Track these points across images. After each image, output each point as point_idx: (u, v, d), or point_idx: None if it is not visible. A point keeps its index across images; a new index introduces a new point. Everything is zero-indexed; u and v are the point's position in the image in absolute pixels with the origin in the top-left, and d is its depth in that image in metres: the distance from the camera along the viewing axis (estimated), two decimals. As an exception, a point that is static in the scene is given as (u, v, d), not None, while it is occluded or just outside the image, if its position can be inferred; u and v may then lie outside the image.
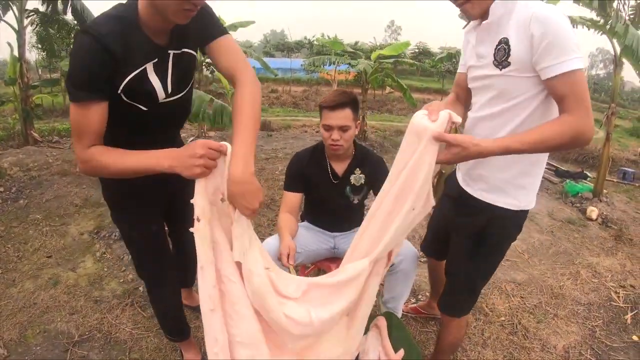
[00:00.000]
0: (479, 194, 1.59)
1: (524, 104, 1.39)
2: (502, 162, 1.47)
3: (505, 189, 1.52)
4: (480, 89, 1.52)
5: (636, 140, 13.38)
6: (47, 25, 7.42)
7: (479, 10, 1.42)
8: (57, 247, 3.43)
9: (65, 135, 8.08)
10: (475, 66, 1.51)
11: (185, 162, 1.19)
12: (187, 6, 1.21)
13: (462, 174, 1.69)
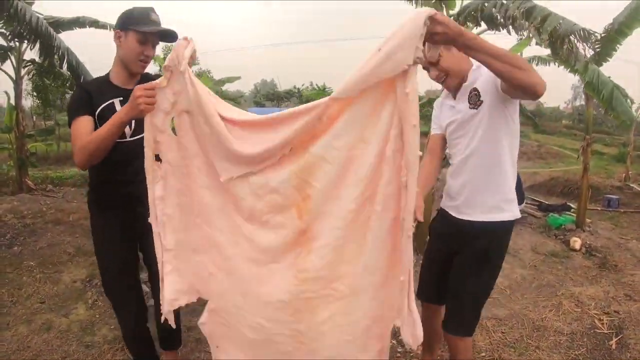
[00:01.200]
0: (481, 217, 1.85)
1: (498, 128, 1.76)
2: (494, 186, 1.82)
3: (501, 206, 1.84)
4: (461, 134, 1.86)
5: (623, 166, 13.69)
6: (43, 76, 7.69)
7: (456, 82, 1.83)
8: (50, 293, 3.48)
9: (59, 184, 8.21)
10: (455, 120, 1.87)
11: (132, 106, 1.52)
12: (142, 57, 1.83)
13: (459, 205, 1.92)
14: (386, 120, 1.31)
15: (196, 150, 1.57)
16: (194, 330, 2.93)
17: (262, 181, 1.49)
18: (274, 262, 1.53)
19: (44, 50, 5.07)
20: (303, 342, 1.56)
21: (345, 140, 1.36)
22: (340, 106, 1.34)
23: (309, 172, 1.42)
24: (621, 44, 5.19)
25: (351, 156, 1.38)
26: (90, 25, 6.60)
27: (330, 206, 1.43)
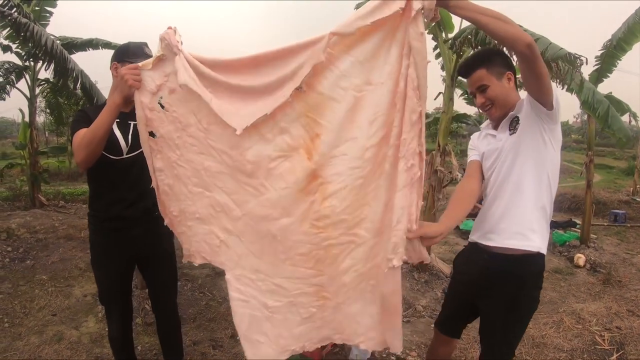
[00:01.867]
0: (499, 242, 1.79)
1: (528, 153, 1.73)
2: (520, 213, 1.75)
3: (525, 234, 1.74)
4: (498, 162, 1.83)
5: (632, 179, 13.62)
6: (56, 94, 7.94)
7: (500, 114, 1.82)
8: (61, 306, 3.59)
9: (71, 200, 8.38)
10: (496, 148, 1.84)
11: (120, 84, 1.66)
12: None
13: (482, 235, 1.87)
14: (394, 63, 1.39)
15: (189, 120, 1.62)
16: (199, 345, 3.02)
17: (271, 123, 1.50)
18: (287, 216, 1.53)
19: (58, 72, 5.26)
20: (326, 297, 1.60)
21: (351, 81, 1.43)
22: (341, 46, 1.41)
23: (317, 110, 1.46)
24: (621, 59, 5.28)
25: (359, 97, 1.43)
26: (103, 47, 6.84)
27: (346, 147, 1.46)
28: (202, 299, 3.81)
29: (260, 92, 1.50)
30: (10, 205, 7.58)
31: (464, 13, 1.46)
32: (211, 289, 4.00)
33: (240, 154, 1.54)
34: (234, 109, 1.51)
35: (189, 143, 1.63)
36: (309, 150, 1.48)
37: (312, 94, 1.45)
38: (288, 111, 1.47)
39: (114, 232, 2.05)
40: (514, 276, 1.76)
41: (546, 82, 1.58)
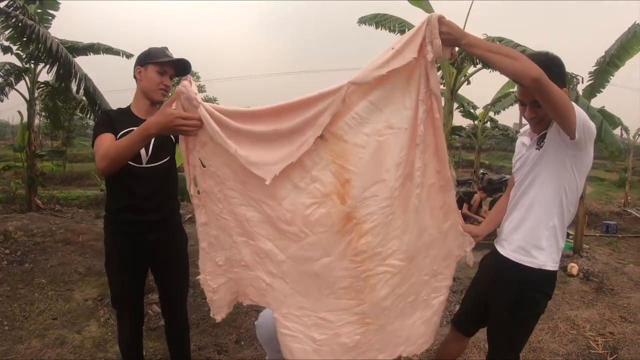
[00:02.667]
0: (510, 255, 1.86)
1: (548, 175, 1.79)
2: (528, 228, 1.83)
3: (529, 250, 1.82)
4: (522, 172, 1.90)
5: (623, 191, 13.82)
6: (55, 98, 7.94)
7: (543, 129, 1.84)
8: (62, 310, 3.60)
9: (65, 205, 8.35)
10: (522, 157, 1.94)
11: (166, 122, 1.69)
12: (161, 86, 2.05)
13: (500, 239, 1.97)
14: (413, 108, 1.57)
15: (226, 174, 1.71)
16: (204, 350, 3.05)
17: (302, 172, 1.62)
18: (327, 255, 1.66)
19: (61, 75, 5.25)
20: (369, 322, 1.73)
21: (373, 126, 1.57)
22: (359, 93, 1.55)
23: (344, 157, 1.59)
24: (613, 75, 5.43)
25: (382, 141, 1.58)
26: (105, 52, 6.88)
27: (375, 189, 1.61)
28: (204, 305, 3.76)
29: (284, 136, 1.60)
30: (5, 208, 7.55)
31: (475, 51, 1.58)
32: (212, 295, 4.00)
33: (278, 204, 1.64)
34: (260, 158, 1.61)
35: (230, 196, 1.72)
36: (341, 196, 1.60)
37: (337, 142, 1.58)
38: (316, 159, 1.60)
39: (130, 236, 2.07)
40: (516, 281, 1.84)
41: (563, 113, 1.60)
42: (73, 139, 16.83)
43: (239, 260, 1.79)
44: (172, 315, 2.31)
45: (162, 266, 2.20)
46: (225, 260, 1.84)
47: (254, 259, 1.76)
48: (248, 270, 1.79)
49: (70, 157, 15.54)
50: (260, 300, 1.82)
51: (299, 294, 1.73)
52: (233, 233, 1.76)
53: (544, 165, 1.79)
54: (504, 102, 7.78)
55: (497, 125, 10.98)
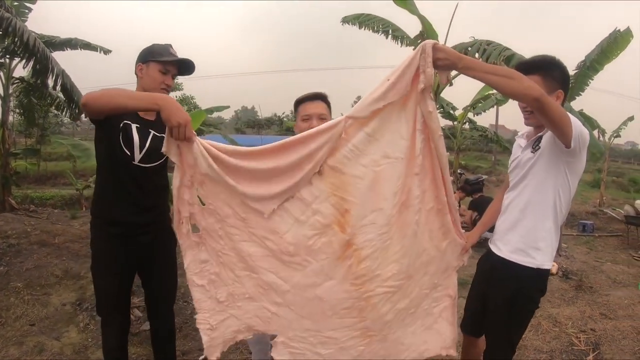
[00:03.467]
0: (507, 255, 1.92)
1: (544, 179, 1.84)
2: (525, 229, 1.89)
3: (526, 251, 1.88)
4: (516, 174, 1.96)
5: (597, 191, 14.20)
6: (30, 94, 7.67)
7: (535, 123, 1.91)
8: (40, 316, 3.47)
9: (40, 204, 8.09)
10: (517, 158, 1.99)
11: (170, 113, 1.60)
12: (163, 85, 1.97)
13: (496, 239, 2.03)
14: (410, 138, 1.62)
15: (226, 212, 1.71)
16: (188, 355, 2.98)
17: (302, 206, 1.67)
18: (329, 280, 1.72)
19: (38, 71, 5.06)
20: (372, 335, 1.81)
21: (370, 157, 1.63)
22: (356, 125, 1.60)
23: (343, 189, 1.64)
24: (593, 79, 5.55)
25: (379, 171, 1.64)
26: (83, 47, 6.68)
27: (373, 216, 1.67)
28: (186, 307, 3.74)
29: (283, 172, 1.64)
30: (-22, 209, 7.26)
31: (473, 73, 1.59)
32: (196, 298, 3.92)
33: (280, 238, 1.69)
34: (259, 192, 1.64)
35: (231, 233, 1.72)
36: (341, 225, 1.67)
37: (336, 175, 1.64)
38: (316, 193, 1.65)
39: (123, 238, 1.99)
40: (513, 279, 1.90)
41: (561, 127, 1.65)
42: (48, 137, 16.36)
43: (243, 294, 1.79)
44: (161, 318, 2.24)
45: (152, 268, 2.14)
46: (227, 296, 1.81)
47: (258, 290, 1.78)
48: (252, 302, 1.80)
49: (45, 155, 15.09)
50: (267, 328, 1.84)
51: (304, 318, 1.78)
52: (235, 268, 1.77)
53: (539, 168, 1.84)
54: (484, 104, 7.89)
55: (476, 127, 11.13)
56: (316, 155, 1.60)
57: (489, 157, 28.75)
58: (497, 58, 3.16)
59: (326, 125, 1.61)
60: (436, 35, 4.44)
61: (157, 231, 2.10)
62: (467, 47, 3.54)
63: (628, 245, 7.31)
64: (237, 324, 1.83)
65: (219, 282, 1.79)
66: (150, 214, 2.05)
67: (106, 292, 2.07)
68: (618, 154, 38.11)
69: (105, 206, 2.02)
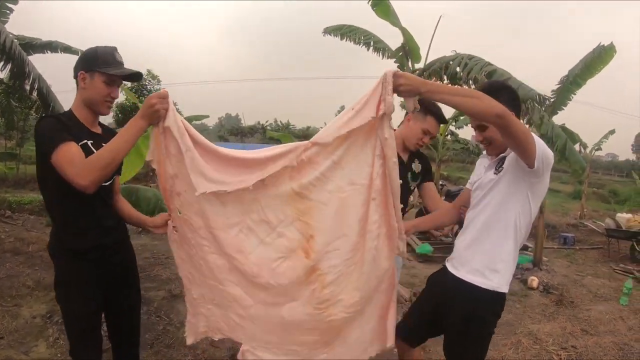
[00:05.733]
0: (465, 276, 1.90)
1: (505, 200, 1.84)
2: (483, 251, 1.88)
3: (484, 273, 1.86)
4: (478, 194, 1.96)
5: (578, 202, 14.36)
6: (9, 97, 7.50)
7: (495, 152, 1.95)
8: (9, 328, 3.33)
9: (17, 210, 7.87)
10: (480, 179, 2.00)
11: (150, 112, 1.66)
12: (108, 98, 1.82)
13: (454, 259, 2.02)
14: (371, 164, 1.64)
15: (198, 223, 1.76)
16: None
17: (267, 228, 1.71)
18: (293, 300, 1.75)
19: (15, 74, 4.93)
20: (334, 346, 1.89)
21: (336, 184, 1.65)
22: (324, 154, 1.63)
23: (309, 214, 1.67)
24: (575, 93, 5.60)
25: (343, 198, 1.66)
26: (63, 50, 6.55)
27: (338, 243, 1.70)
28: (158, 323, 3.60)
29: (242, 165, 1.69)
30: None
31: (437, 97, 1.62)
32: (168, 313, 3.78)
33: (245, 257, 1.72)
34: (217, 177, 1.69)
35: (202, 244, 1.77)
36: (306, 250, 1.69)
37: (302, 200, 1.66)
38: (281, 217, 1.69)
39: (93, 261, 1.85)
40: (469, 301, 1.88)
41: (524, 145, 1.65)
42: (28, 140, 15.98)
43: (212, 299, 1.85)
44: (128, 335, 2.13)
45: (119, 286, 2.02)
46: (199, 295, 1.90)
47: (224, 301, 1.83)
48: (219, 309, 1.85)
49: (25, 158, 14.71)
50: (232, 334, 1.89)
51: (267, 332, 1.82)
52: (206, 275, 1.83)
53: (500, 189, 1.85)
54: (467, 118, 7.94)
55: (458, 139, 11.22)
56: (267, 168, 1.65)
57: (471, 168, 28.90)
58: (478, 72, 3.15)
59: (286, 149, 1.65)
60: (418, 48, 4.43)
61: (126, 248, 2.05)
62: (449, 61, 3.53)
63: (609, 258, 7.37)
64: (206, 323, 1.89)
65: (193, 281, 1.87)
66: (119, 232, 1.98)
67: (81, 323, 1.89)
68: (599, 165, 38.86)
69: (75, 237, 1.84)
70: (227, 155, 1.70)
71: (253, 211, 1.70)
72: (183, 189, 1.75)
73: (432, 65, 3.68)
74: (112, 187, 1.96)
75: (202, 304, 1.89)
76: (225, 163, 1.70)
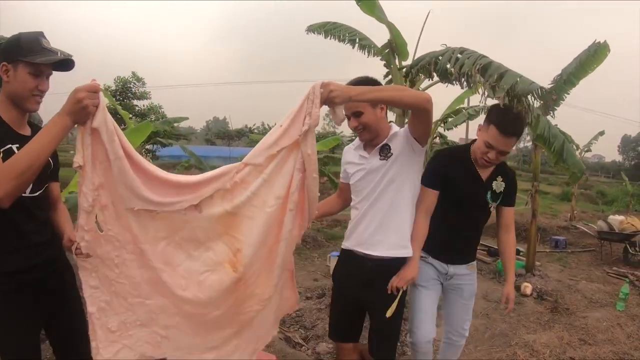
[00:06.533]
0: (385, 253, 2.13)
1: (403, 179, 2.09)
2: (395, 228, 2.12)
3: (404, 244, 2.15)
4: (368, 182, 2.14)
5: (567, 204, 14.28)
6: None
7: (369, 137, 2.12)
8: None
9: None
10: (363, 169, 2.16)
11: (76, 109, 1.40)
12: (36, 92, 1.60)
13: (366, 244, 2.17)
14: (289, 178, 1.70)
15: (127, 238, 1.62)
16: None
17: (196, 244, 1.69)
18: (217, 309, 1.77)
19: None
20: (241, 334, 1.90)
21: (262, 198, 1.69)
22: (255, 174, 1.67)
23: (236, 228, 1.69)
24: (569, 93, 5.41)
25: (270, 212, 1.70)
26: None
27: (260, 254, 1.75)
28: None
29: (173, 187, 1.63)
30: None
31: (366, 97, 1.76)
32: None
33: (173, 270, 1.67)
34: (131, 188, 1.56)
35: (129, 260, 1.65)
36: (233, 264, 1.71)
37: (228, 216, 1.68)
38: (209, 233, 1.69)
39: (25, 287, 1.63)
40: (396, 270, 2.15)
41: (430, 127, 2.02)
42: None
43: (134, 321, 1.72)
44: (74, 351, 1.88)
45: (60, 307, 1.79)
46: (118, 325, 1.70)
47: (150, 316, 1.74)
48: (144, 328, 1.74)
49: None
50: (156, 352, 1.81)
51: (191, 336, 1.80)
52: (128, 296, 1.69)
53: (397, 171, 2.08)
54: (456, 119, 7.74)
55: (447, 142, 11.06)
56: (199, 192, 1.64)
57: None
58: (471, 67, 2.92)
59: (220, 172, 1.67)
60: (405, 44, 4.20)
61: (62, 265, 1.81)
62: (438, 56, 3.29)
63: (602, 261, 7.23)
64: (131, 354, 1.76)
65: (110, 310, 1.69)
66: (53, 249, 1.73)
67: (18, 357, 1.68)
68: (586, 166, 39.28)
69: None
70: (157, 175, 1.61)
71: (183, 229, 1.66)
72: (109, 201, 1.58)
73: (420, 61, 3.44)
74: (44, 197, 1.71)
75: (124, 333, 1.72)
76: (155, 182, 1.60)
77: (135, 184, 1.54)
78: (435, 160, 2.41)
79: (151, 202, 1.59)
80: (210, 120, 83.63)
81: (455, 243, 2.43)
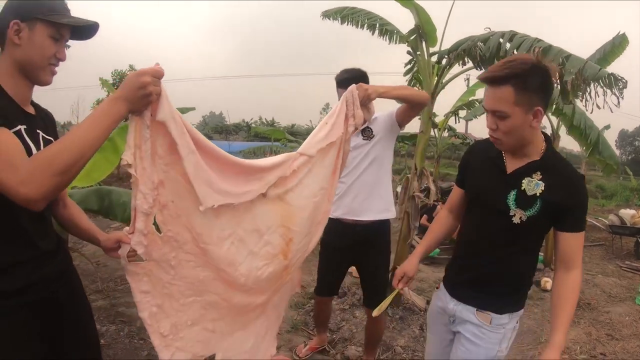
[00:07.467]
0: (374, 217, 2.60)
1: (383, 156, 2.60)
2: (380, 196, 2.61)
3: (388, 209, 2.66)
4: (351, 159, 2.46)
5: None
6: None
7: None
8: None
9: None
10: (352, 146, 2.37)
11: (139, 97, 1.17)
12: (53, 60, 1.31)
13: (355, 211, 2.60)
14: (331, 169, 1.86)
15: (185, 237, 1.52)
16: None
17: (257, 238, 1.70)
18: (263, 296, 1.85)
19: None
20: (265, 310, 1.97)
21: (311, 189, 1.79)
22: (305, 162, 1.75)
23: (290, 220, 1.76)
24: (591, 84, 5.32)
25: (316, 202, 1.83)
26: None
27: (304, 240, 1.87)
28: (142, 347, 3.12)
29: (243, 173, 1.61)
30: None
31: (391, 94, 2.04)
32: (153, 335, 3.38)
33: (235, 270, 1.65)
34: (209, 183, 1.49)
35: (185, 260, 1.57)
36: (285, 253, 1.78)
37: (285, 206, 1.74)
38: (269, 224, 1.72)
39: (34, 306, 1.33)
40: (382, 233, 2.69)
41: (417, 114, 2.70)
42: None
43: (185, 322, 1.67)
44: None
45: (70, 326, 1.54)
46: (170, 328, 1.62)
47: (200, 312, 1.70)
48: (194, 327, 1.70)
49: None
50: (206, 349, 1.78)
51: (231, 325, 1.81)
52: (181, 297, 1.62)
53: (379, 149, 2.54)
54: (474, 110, 7.61)
55: (456, 134, 10.97)
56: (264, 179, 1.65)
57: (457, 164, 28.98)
58: (528, 50, 2.75)
59: (280, 159, 1.71)
60: (435, 30, 3.91)
61: (71, 277, 1.56)
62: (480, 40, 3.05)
63: (613, 255, 7.19)
64: (184, 355, 1.71)
65: (161, 314, 1.62)
66: (60, 258, 1.49)
67: None
68: (583, 161, 39.31)
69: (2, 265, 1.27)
70: (227, 159, 1.55)
71: (245, 220, 1.64)
72: (170, 199, 1.43)
73: (459, 46, 3.25)
74: None
75: (175, 336, 1.65)
76: (227, 170, 1.54)
77: (212, 179, 1.46)
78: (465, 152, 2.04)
79: (229, 194, 1.53)
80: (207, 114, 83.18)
81: (464, 264, 1.79)
